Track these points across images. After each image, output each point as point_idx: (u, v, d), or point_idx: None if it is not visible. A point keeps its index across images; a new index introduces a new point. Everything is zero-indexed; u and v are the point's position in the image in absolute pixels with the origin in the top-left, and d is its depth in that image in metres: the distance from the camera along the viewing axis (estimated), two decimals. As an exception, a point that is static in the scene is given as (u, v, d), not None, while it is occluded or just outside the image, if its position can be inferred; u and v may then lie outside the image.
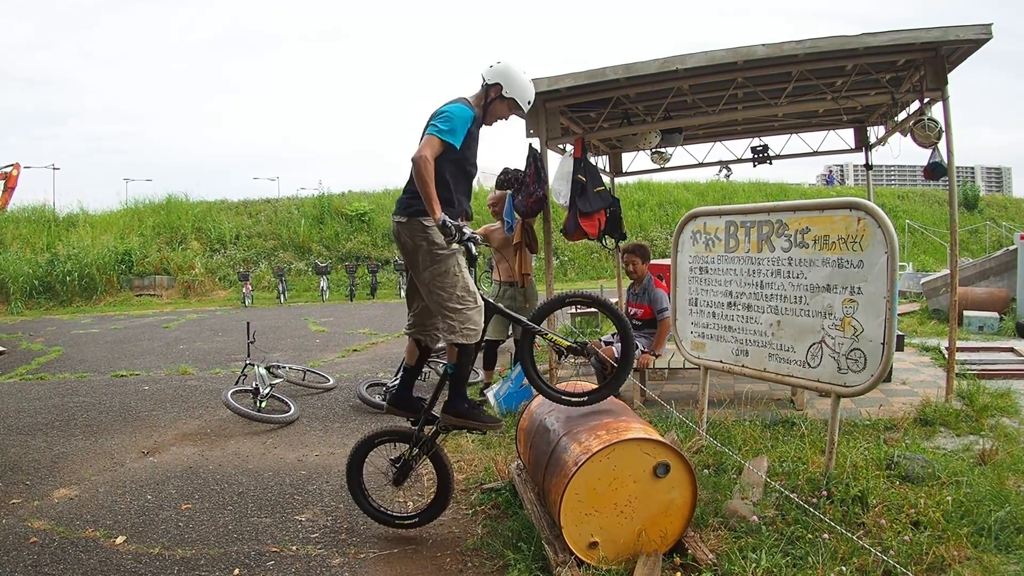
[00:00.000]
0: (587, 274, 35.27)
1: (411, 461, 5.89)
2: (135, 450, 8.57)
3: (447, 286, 5.42)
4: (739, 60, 8.71)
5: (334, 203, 38.61)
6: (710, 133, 14.02)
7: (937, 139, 9.14)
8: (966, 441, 7.27)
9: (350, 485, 5.96)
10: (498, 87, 5.69)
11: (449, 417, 5.72)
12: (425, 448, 5.81)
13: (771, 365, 6.50)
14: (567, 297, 5.94)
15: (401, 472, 5.92)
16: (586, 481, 4.81)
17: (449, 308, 5.43)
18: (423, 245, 5.42)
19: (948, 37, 8.06)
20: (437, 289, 5.43)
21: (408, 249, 5.54)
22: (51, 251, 32.00)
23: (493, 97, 5.73)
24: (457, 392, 5.72)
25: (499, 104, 5.77)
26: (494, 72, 5.70)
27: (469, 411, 5.72)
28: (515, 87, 5.71)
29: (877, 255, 5.54)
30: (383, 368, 13.19)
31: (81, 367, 14.70)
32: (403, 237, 5.52)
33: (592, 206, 9.84)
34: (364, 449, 5.92)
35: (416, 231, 5.43)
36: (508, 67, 5.72)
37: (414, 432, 5.86)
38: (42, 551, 5.82)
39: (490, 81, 5.71)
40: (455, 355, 5.59)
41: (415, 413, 5.88)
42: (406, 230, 5.47)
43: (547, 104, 9.69)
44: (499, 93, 5.71)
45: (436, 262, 5.41)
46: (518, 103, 5.79)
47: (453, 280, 5.43)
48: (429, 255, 5.41)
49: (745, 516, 5.29)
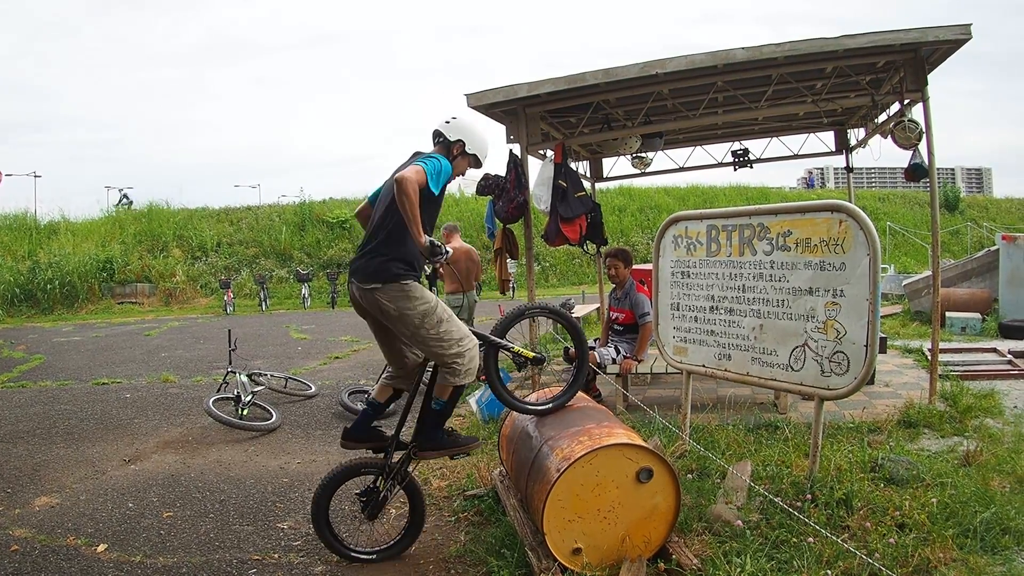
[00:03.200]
0: (568, 280, 35.25)
1: (387, 493, 5.58)
2: (117, 458, 8.50)
3: (443, 335, 5.23)
4: (719, 64, 8.72)
5: (315, 210, 38.49)
6: (691, 137, 14.08)
7: (918, 140, 9.17)
8: (950, 442, 7.29)
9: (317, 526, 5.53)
10: (461, 144, 5.55)
11: (427, 452, 5.55)
12: (398, 478, 5.58)
13: (754, 369, 6.51)
14: (526, 309, 5.90)
15: (374, 506, 5.60)
16: (569, 487, 4.79)
17: (450, 355, 5.25)
18: (407, 307, 5.17)
19: (927, 38, 8.09)
20: (435, 343, 5.24)
21: (391, 316, 5.23)
22: (32, 259, 31.77)
23: (456, 154, 5.57)
24: (436, 427, 5.51)
25: (461, 161, 5.62)
26: (455, 128, 5.58)
27: (445, 441, 5.55)
28: (476, 143, 5.62)
29: (859, 257, 5.55)
30: (365, 375, 13.13)
31: (62, 375, 14.60)
32: (382, 304, 5.20)
33: (573, 211, 9.85)
34: (332, 487, 5.54)
35: (397, 295, 5.18)
36: (469, 123, 5.66)
37: (383, 462, 5.58)
38: (23, 559, 5.77)
39: (452, 138, 5.55)
40: (448, 393, 5.39)
41: (376, 442, 5.65)
42: (384, 296, 5.18)
43: (527, 110, 9.69)
44: (462, 150, 5.57)
45: (427, 316, 5.19)
46: (479, 158, 5.70)
47: (447, 328, 5.25)
48: (418, 316, 5.18)
49: (729, 521, 5.28)
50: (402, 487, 5.60)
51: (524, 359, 5.76)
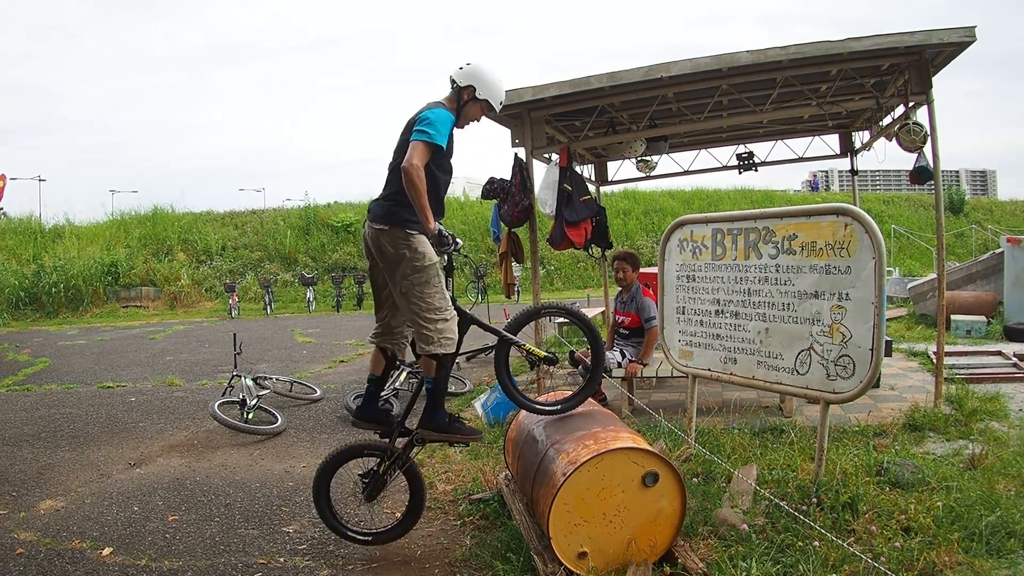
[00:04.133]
0: (573, 283, 35.24)
1: (385, 476, 5.71)
2: (122, 461, 8.51)
3: (426, 296, 5.31)
4: (723, 67, 8.71)
5: (320, 214, 38.57)
6: (695, 141, 14.06)
7: (922, 143, 9.16)
8: (956, 446, 7.26)
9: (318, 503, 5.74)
10: (471, 89, 5.63)
11: (429, 432, 5.61)
12: (399, 463, 5.66)
13: (759, 372, 6.50)
14: (542, 308, 6.00)
15: (374, 487, 5.74)
16: (575, 491, 4.78)
17: (426, 319, 5.32)
18: (406, 254, 5.28)
19: (932, 40, 8.08)
20: (416, 299, 5.32)
21: (388, 257, 5.36)
22: (37, 262, 31.89)
23: (467, 99, 5.66)
24: (435, 405, 5.58)
25: (472, 106, 5.71)
26: (466, 74, 5.64)
27: (449, 425, 5.61)
28: (488, 88, 5.66)
29: (865, 260, 5.54)
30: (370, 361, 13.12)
31: (67, 378, 14.63)
32: (384, 245, 5.34)
33: (578, 215, 9.84)
34: (333, 466, 5.72)
35: (400, 240, 5.29)
36: (480, 68, 5.67)
37: (386, 446, 5.71)
38: (28, 563, 5.77)
39: (463, 83, 5.63)
40: (432, 367, 5.47)
41: (384, 425, 5.79)
42: (388, 238, 5.31)
43: (532, 113, 9.69)
44: (472, 95, 5.64)
45: (418, 271, 5.29)
46: (491, 104, 5.73)
47: (432, 291, 5.32)
48: (411, 265, 5.28)
49: (735, 524, 5.27)
50: (403, 471, 5.69)
51: (536, 358, 5.81)
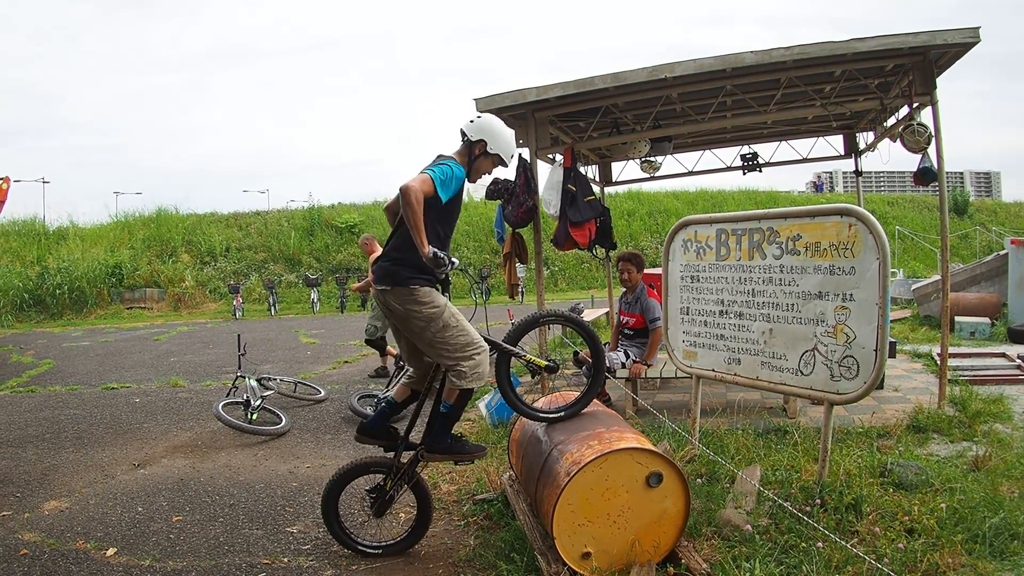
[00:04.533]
0: (577, 284, 35.22)
1: (393, 491, 5.70)
2: (126, 462, 8.52)
3: (449, 340, 5.29)
4: (727, 68, 8.71)
5: (324, 215, 38.57)
6: (699, 141, 14.06)
7: (927, 144, 9.14)
8: (959, 447, 7.26)
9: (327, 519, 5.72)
10: (483, 144, 5.58)
11: (434, 455, 5.59)
12: (406, 478, 5.66)
13: (763, 373, 6.49)
14: (540, 318, 5.91)
15: (382, 503, 5.73)
16: (579, 491, 4.79)
17: (456, 359, 5.31)
18: (413, 310, 5.28)
19: (936, 41, 8.08)
20: (440, 346, 5.32)
21: (400, 316, 5.38)
22: (41, 264, 31.88)
23: (478, 154, 5.61)
24: (444, 429, 5.57)
25: (484, 160, 5.66)
26: (478, 128, 5.60)
27: (453, 446, 5.60)
28: (499, 143, 5.62)
29: (869, 261, 5.53)
30: (374, 380, 13.13)
31: (72, 380, 14.65)
32: (392, 305, 5.37)
33: (582, 216, 9.84)
34: (341, 483, 5.72)
35: (404, 298, 5.29)
36: (491, 122, 5.65)
37: (392, 462, 5.70)
38: (33, 563, 5.78)
39: (474, 138, 5.58)
40: (455, 396, 5.45)
41: (389, 441, 5.75)
42: (393, 298, 5.33)
43: (536, 114, 9.69)
44: (484, 150, 5.59)
45: (432, 320, 5.27)
46: (502, 158, 5.70)
47: (454, 332, 5.30)
48: (423, 317, 5.27)
49: (739, 525, 5.27)
50: (410, 487, 5.69)
51: (537, 368, 5.79)
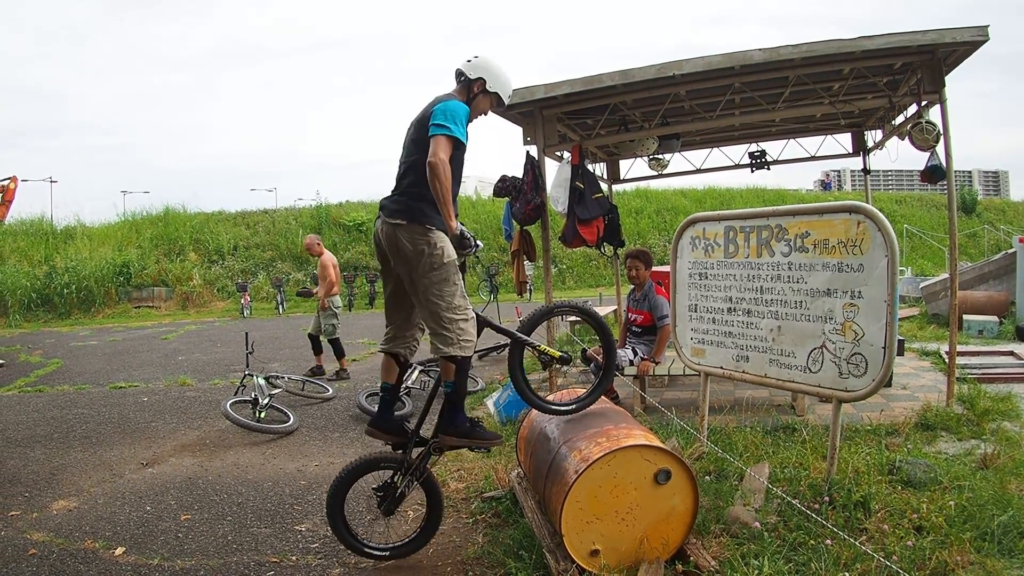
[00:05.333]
0: (585, 282, 35.21)
1: (404, 488, 5.50)
2: (134, 461, 8.54)
3: (445, 295, 5.14)
4: (736, 65, 8.69)
5: (332, 213, 38.63)
6: (708, 139, 14.04)
7: (935, 142, 9.13)
8: (968, 445, 7.24)
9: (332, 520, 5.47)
10: (481, 82, 5.52)
11: (450, 437, 5.40)
12: (416, 474, 5.46)
13: (772, 371, 6.48)
14: (554, 308, 5.88)
15: (391, 501, 5.52)
16: (587, 489, 4.78)
17: (445, 319, 5.14)
18: (424, 250, 5.07)
19: (945, 39, 8.06)
20: (434, 298, 5.13)
21: (405, 255, 5.13)
22: (49, 264, 31.98)
23: (477, 92, 5.54)
24: (455, 409, 5.39)
25: (483, 99, 5.59)
26: (476, 67, 5.52)
27: (471, 429, 5.43)
28: (498, 81, 5.57)
29: (877, 258, 5.52)
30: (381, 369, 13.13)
31: (80, 379, 14.69)
32: (401, 242, 5.12)
33: (590, 213, 9.84)
34: (348, 482, 5.45)
35: (418, 236, 5.09)
36: (489, 60, 5.58)
37: (402, 457, 5.50)
38: (41, 563, 5.79)
39: (473, 76, 5.51)
40: (451, 371, 5.27)
41: (399, 436, 5.55)
42: (406, 234, 5.10)
43: (544, 111, 9.69)
44: (483, 88, 5.53)
45: (436, 269, 5.10)
46: (501, 97, 5.66)
47: (452, 289, 5.16)
48: (430, 262, 5.08)
49: (747, 522, 5.26)
50: (420, 483, 5.51)
51: (550, 358, 5.74)
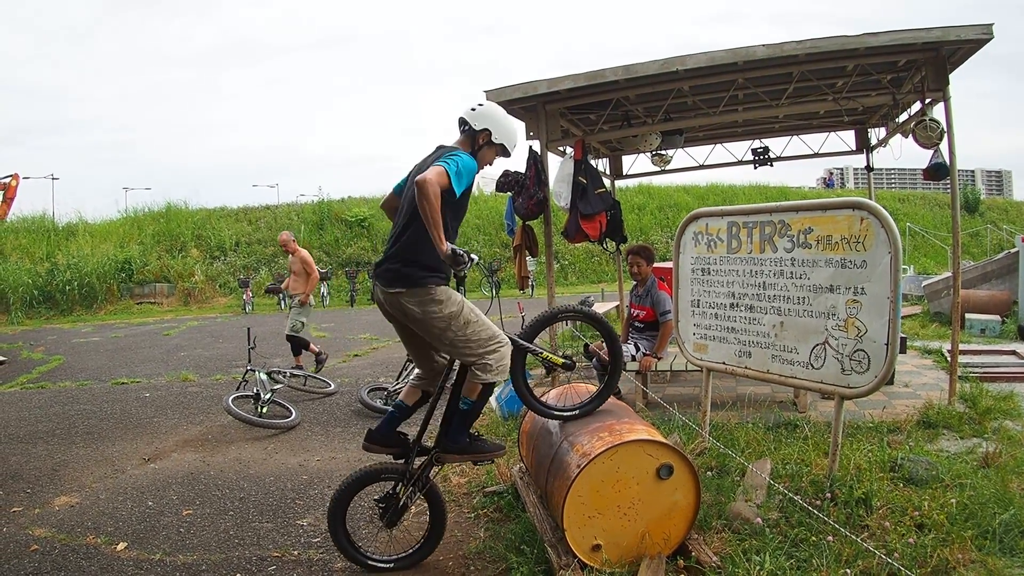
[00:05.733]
0: (588, 278, 35.17)
1: (407, 500, 5.40)
2: (136, 457, 8.55)
3: (472, 336, 5.07)
4: (739, 61, 8.69)
5: (334, 209, 38.57)
6: (711, 135, 14.01)
7: (939, 140, 9.12)
8: (969, 444, 7.24)
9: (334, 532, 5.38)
10: (487, 133, 5.33)
11: (451, 456, 5.35)
12: (419, 484, 5.36)
13: (774, 366, 6.47)
14: (558, 313, 5.73)
15: (394, 512, 5.40)
16: (589, 483, 4.78)
17: (481, 355, 5.09)
18: (433, 309, 5.00)
19: (949, 37, 8.04)
20: (463, 344, 5.08)
21: (416, 318, 5.06)
22: (51, 261, 31.92)
23: (482, 144, 5.35)
24: (462, 428, 5.32)
25: (488, 151, 5.40)
26: (481, 117, 5.33)
27: (470, 445, 5.35)
28: (504, 132, 5.39)
29: (880, 255, 5.51)
30: (384, 372, 13.16)
31: (82, 375, 14.72)
32: (407, 308, 5.04)
33: (593, 208, 9.84)
34: (350, 493, 5.36)
35: (422, 300, 5.00)
36: (495, 110, 5.41)
37: (404, 468, 5.38)
38: (43, 559, 5.81)
39: (478, 127, 5.31)
40: (477, 392, 5.20)
41: (399, 449, 5.41)
42: (409, 300, 5.01)
43: (547, 106, 9.69)
44: (488, 139, 5.34)
45: (453, 319, 5.02)
46: (506, 148, 5.45)
47: (476, 329, 5.08)
48: (444, 317, 5.01)
49: (749, 518, 5.26)
50: (423, 493, 5.40)
51: (553, 365, 5.65)
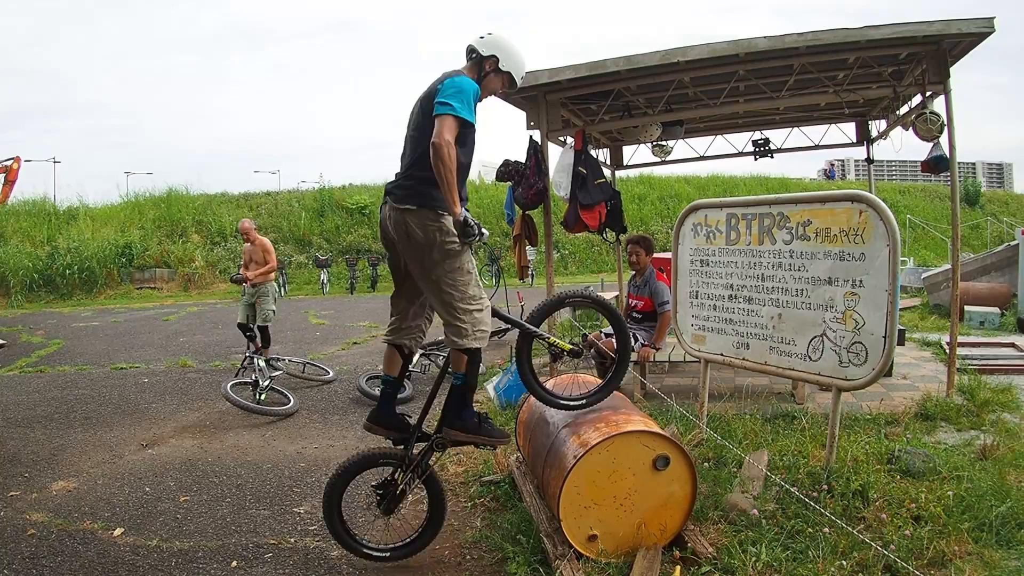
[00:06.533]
0: (587, 267, 35.21)
1: (405, 487, 5.23)
2: (134, 442, 8.56)
3: (459, 284, 4.88)
4: (740, 52, 8.67)
5: (335, 196, 38.57)
6: (711, 126, 13.99)
7: (939, 133, 9.11)
8: (967, 436, 7.25)
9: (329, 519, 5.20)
10: (494, 60, 5.20)
11: (456, 432, 5.10)
12: (418, 471, 5.18)
13: (772, 358, 6.48)
14: (566, 298, 5.56)
15: (392, 499, 5.24)
16: (585, 474, 4.79)
17: (459, 309, 4.88)
18: (436, 237, 4.79)
19: (950, 30, 8.03)
20: (448, 287, 4.86)
21: (417, 242, 4.82)
22: (51, 244, 31.91)
23: (488, 71, 5.21)
24: (463, 403, 5.12)
25: (494, 78, 5.26)
26: (489, 44, 5.20)
27: (478, 426, 5.14)
28: (511, 60, 5.25)
29: (879, 248, 5.51)
30: (383, 360, 13.13)
31: (81, 360, 14.74)
32: (412, 228, 4.81)
33: (593, 198, 9.83)
34: (346, 478, 5.17)
35: (429, 222, 4.79)
36: (504, 38, 5.27)
37: (404, 453, 5.20)
38: (40, 543, 5.81)
39: (485, 53, 5.18)
40: (463, 363, 5.00)
41: (400, 431, 5.25)
42: (416, 220, 4.80)
43: (548, 96, 9.68)
44: (495, 66, 5.21)
45: (450, 257, 4.83)
46: (514, 77, 5.31)
47: (466, 278, 4.91)
48: (443, 249, 4.81)
49: (745, 510, 5.27)
50: (422, 480, 5.22)
51: (560, 351, 5.44)
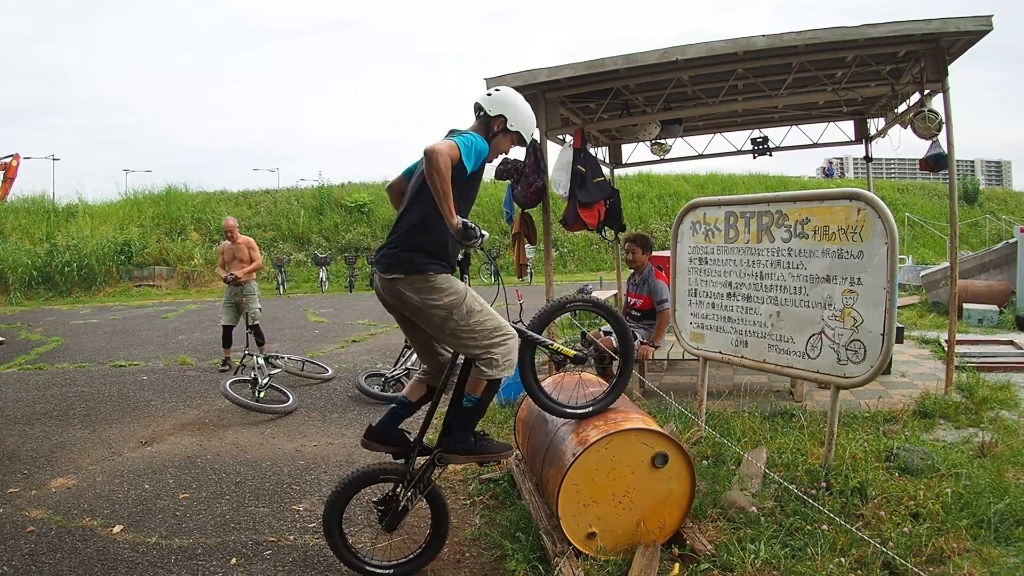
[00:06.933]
0: (586, 266, 35.19)
1: (407, 503, 5.03)
2: (133, 440, 8.56)
3: (476, 326, 4.75)
4: (739, 51, 8.67)
5: (334, 194, 38.52)
6: (710, 124, 14.00)
7: (937, 131, 9.12)
8: (965, 433, 7.26)
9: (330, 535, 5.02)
10: (502, 120, 5.05)
11: (454, 456, 5.02)
12: (420, 486, 5.01)
13: (770, 356, 6.49)
14: (567, 303, 5.40)
15: (393, 516, 5.05)
16: (584, 471, 4.80)
17: (486, 347, 4.77)
18: (432, 299, 4.71)
19: (948, 28, 8.04)
20: (467, 335, 4.76)
21: (415, 307, 4.77)
22: (50, 241, 31.84)
23: (497, 131, 5.07)
24: (467, 427, 4.99)
25: (503, 138, 5.11)
26: (496, 102, 5.06)
27: (476, 446, 5.01)
28: (520, 118, 5.12)
29: (877, 246, 5.52)
30: (382, 359, 13.15)
31: (80, 357, 14.72)
32: (405, 296, 4.75)
33: (591, 197, 9.83)
34: (346, 495, 5.02)
35: (420, 286, 4.71)
36: (511, 96, 5.14)
37: (404, 468, 5.03)
38: (39, 540, 5.81)
39: (493, 113, 5.04)
40: (481, 387, 4.86)
41: (400, 447, 5.09)
42: (407, 288, 4.73)
43: (547, 95, 9.69)
44: (503, 126, 5.06)
45: (454, 309, 4.72)
46: (523, 136, 5.18)
47: (480, 319, 4.77)
48: (444, 307, 4.71)
49: (744, 507, 5.28)
50: (424, 496, 5.06)
51: (564, 357, 5.32)
